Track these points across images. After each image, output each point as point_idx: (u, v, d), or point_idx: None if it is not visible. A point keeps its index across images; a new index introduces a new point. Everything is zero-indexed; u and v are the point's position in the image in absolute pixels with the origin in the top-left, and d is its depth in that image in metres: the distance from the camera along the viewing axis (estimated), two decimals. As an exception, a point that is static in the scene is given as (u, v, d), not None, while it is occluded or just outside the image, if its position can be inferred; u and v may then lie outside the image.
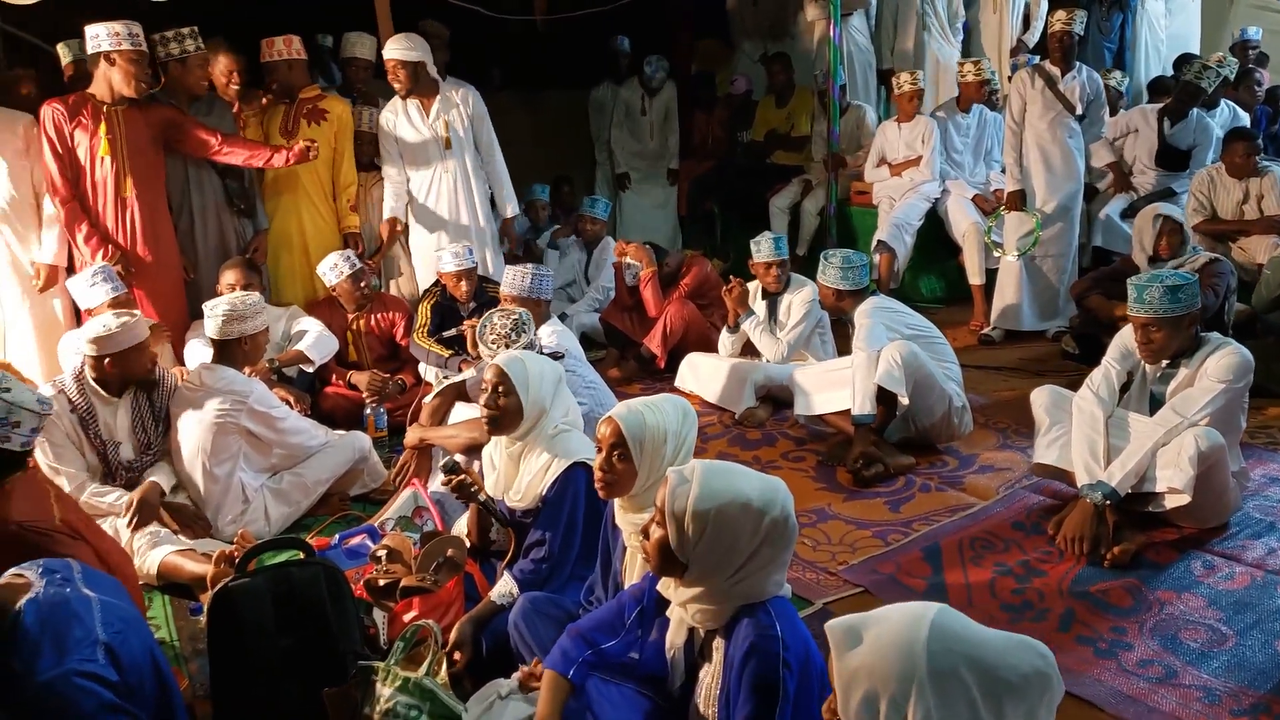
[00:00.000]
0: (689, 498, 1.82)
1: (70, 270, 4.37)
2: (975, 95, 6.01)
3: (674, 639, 2.01)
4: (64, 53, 4.98)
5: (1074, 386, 3.48)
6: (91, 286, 3.94)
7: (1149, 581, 2.99)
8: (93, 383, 3.38)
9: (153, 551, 3.15)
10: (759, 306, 4.67)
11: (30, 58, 5.63)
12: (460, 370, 4.25)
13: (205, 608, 2.41)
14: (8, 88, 4.67)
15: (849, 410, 3.87)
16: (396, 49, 4.83)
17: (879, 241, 5.74)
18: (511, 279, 4.20)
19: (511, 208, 5.22)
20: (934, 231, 5.99)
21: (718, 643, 1.91)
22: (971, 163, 6.14)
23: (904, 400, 3.77)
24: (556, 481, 2.69)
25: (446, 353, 4.48)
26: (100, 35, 4.13)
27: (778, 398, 4.57)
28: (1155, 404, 3.24)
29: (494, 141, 5.13)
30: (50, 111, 4.18)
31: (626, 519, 2.31)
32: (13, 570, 1.94)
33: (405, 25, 5.75)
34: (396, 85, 4.89)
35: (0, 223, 4.29)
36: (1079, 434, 3.25)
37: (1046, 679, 1.32)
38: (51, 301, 4.43)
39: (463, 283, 4.67)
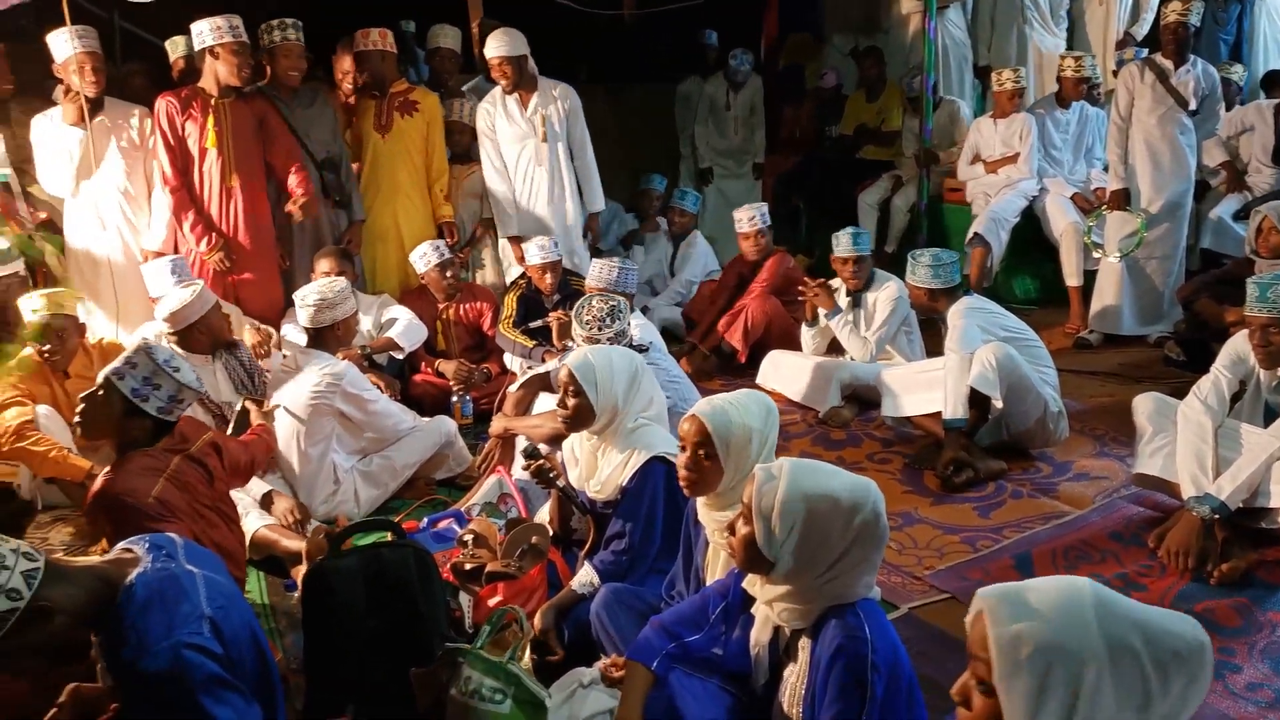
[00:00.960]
0: (777, 495, 1.80)
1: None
2: (1075, 91, 5.80)
3: (759, 637, 1.99)
4: (173, 49, 5.17)
5: (1178, 394, 3.33)
6: (164, 276, 4.09)
7: (1260, 602, 2.84)
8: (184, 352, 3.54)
9: (244, 520, 3.26)
10: (845, 303, 4.60)
11: (143, 53, 5.87)
12: (544, 361, 4.28)
13: (299, 584, 2.48)
14: (122, 82, 4.87)
15: (938, 413, 3.78)
16: (499, 46, 4.87)
17: (974, 234, 5.59)
18: (598, 272, 4.22)
19: (598, 202, 5.24)
20: (1030, 231, 5.81)
21: (804, 642, 1.88)
22: (1071, 160, 5.93)
23: (997, 404, 3.67)
24: (636, 474, 2.70)
25: (530, 343, 4.52)
26: (204, 30, 4.28)
27: (863, 397, 4.49)
28: (1270, 415, 3.09)
29: (586, 137, 5.16)
30: (164, 104, 4.36)
31: (710, 515, 2.30)
32: (121, 545, 2.01)
33: (498, 17, 5.85)
34: (502, 82, 4.94)
35: (115, 211, 4.48)
36: (1185, 444, 3.11)
37: (1206, 651, 1.28)
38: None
39: (548, 275, 4.72)
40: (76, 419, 2.67)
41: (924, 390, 3.92)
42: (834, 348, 4.70)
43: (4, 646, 1.71)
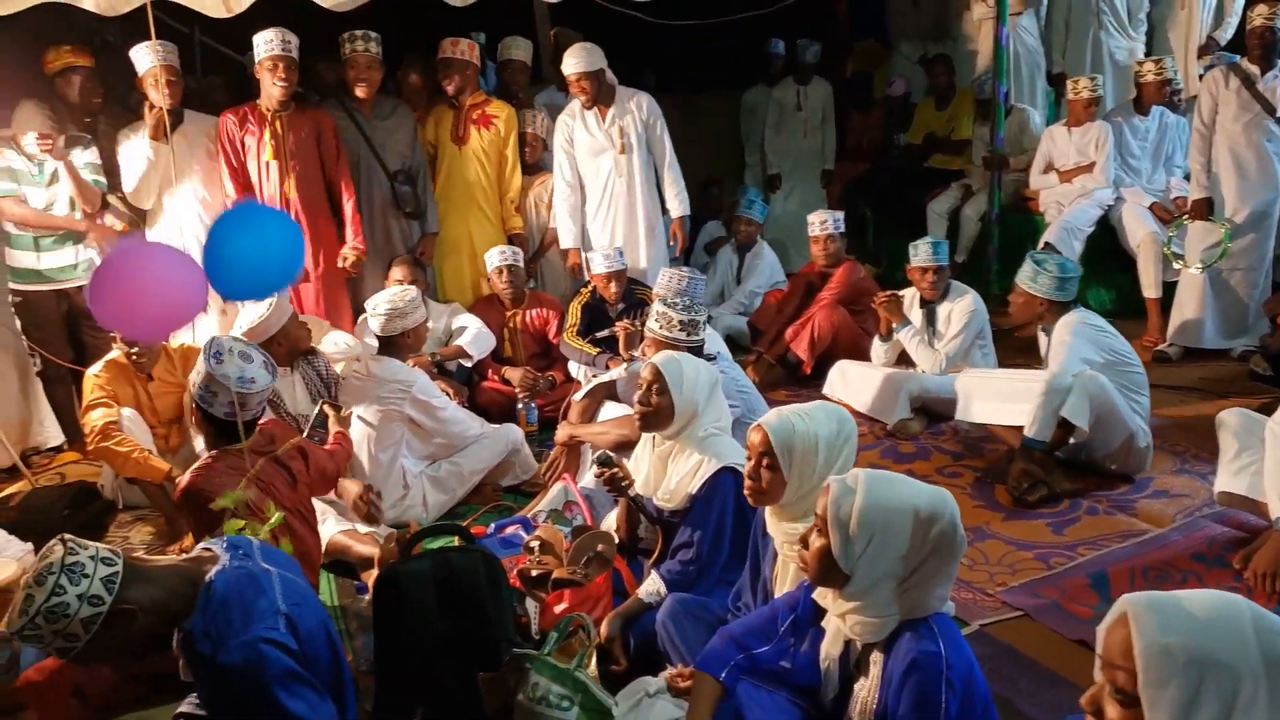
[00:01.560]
0: (854, 506, 1.78)
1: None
2: (1155, 96, 5.64)
3: (829, 650, 1.97)
4: (250, 62, 5.32)
5: (1265, 410, 3.20)
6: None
7: (1353, 626, 2.72)
8: None
9: (321, 525, 3.33)
10: (915, 315, 4.53)
11: (223, 67, 6.06)
12: (608, 368, 4.30)
13: (370, 587, 2.52)
14: (203, 95, 5.03)
15: (1014, 424, 3.68)
16: (577, 62, 4.87)
17: (1045, 244, 5.47)
18: (666, 281, 4.22)
19: (682, 207, 5.20)
20: (1105, 241, 5.66)
21: (876, 656, 1.86)
22: (1150, 169, 5.77)
23: (1084, 431, 3.55)
24: (705, 484, 2.70)
25: (594, 350, 4.54)
26: (258, 44, 4.41)
27: (933, 410, 4.42)
28: (1364, 433, 2.95)
29: (669, 144, 5.14)
30: (225, 120, 4.51)
31: (779, 527, 2.28)
32: (201, 545, 2.08)
33: (564, 27, 5.89)
34: (581, 97, 4.95)
35: (194, 221, 4.61)
36: (1274, 462, 2.99)
37: None
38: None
39: (612, 284, 4.74)
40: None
41: (1005, 400, 3.80)
42: (903, 359, 4.64)
43: (91, 646, 1.78)
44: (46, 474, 4.31)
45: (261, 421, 2.88)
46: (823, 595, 1.93)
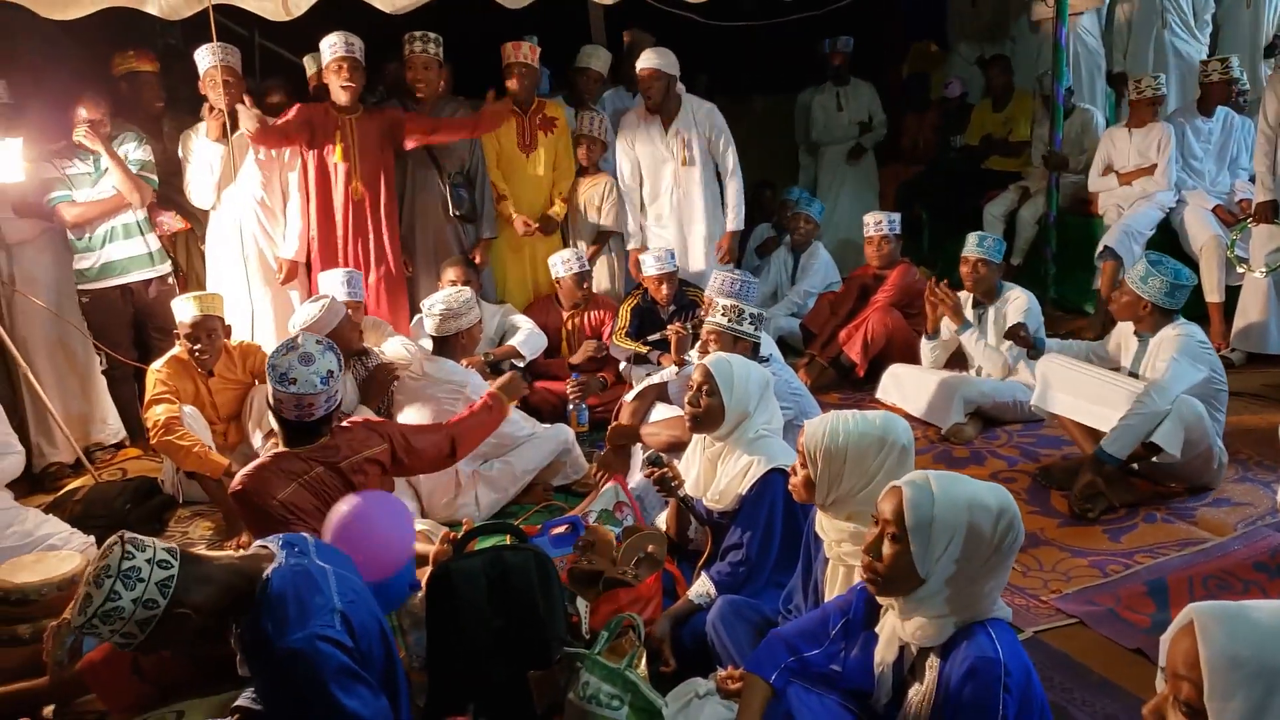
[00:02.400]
0: (935, 507, 1.76)
1: (309, 267, 4.76)
2: (1221, 97, 5.50)
3: (884, 655, 1.95)
4: (310, 64, 5.42)
5: (1335, 419, 3.13)
6: (340, 283, 4.24)
7: None
8: None
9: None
10: (970, 316, 4.48)
11: (282, 70, 6.18)
12: (659, 364, 4.32)
13: (424, 584, 2.55)
14: (262, 97, 5.14)
15: (1093, 426, 3.59)
16: (654, 60, 4.90)
17: (1104, 248, 5.36)
18: (718, 284, 4.22)
19: (737, 223, 5.21)
20: (1166, 244, 5.50)
21: (932, 661, 1.84)
22: (1214, 171, 5.62)
23: (1171, 456, 3.42)
24: (755, 485, 2.70)
25: (644, 348, 4.56)
26: (324, 49, 4.49)
27: (987, 415, 4.36)
28: None
29: (733, 157, 5.15)
30: (302, 110, 4.57)
31: (832, 524, 2.27)
32: (259, 542, 2.13)
33: (612, 30, 5.91)
34: (647, 97, 4.97)
35: (252, 220, 4.72)
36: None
37: None
38: (289, 293, 4.84)
39: (664, 286, 4.75)
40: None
41: (1091, 401, 3.64)
42: (954, 362, 4.58)
43: (148, 643, 1.85)
44: (109, 469, 4.44)
45: (345, 424, 2.93)
46: (889, 599, 1.92)
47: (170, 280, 4.70)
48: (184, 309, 3.86)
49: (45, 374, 4.27)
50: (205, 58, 4.45)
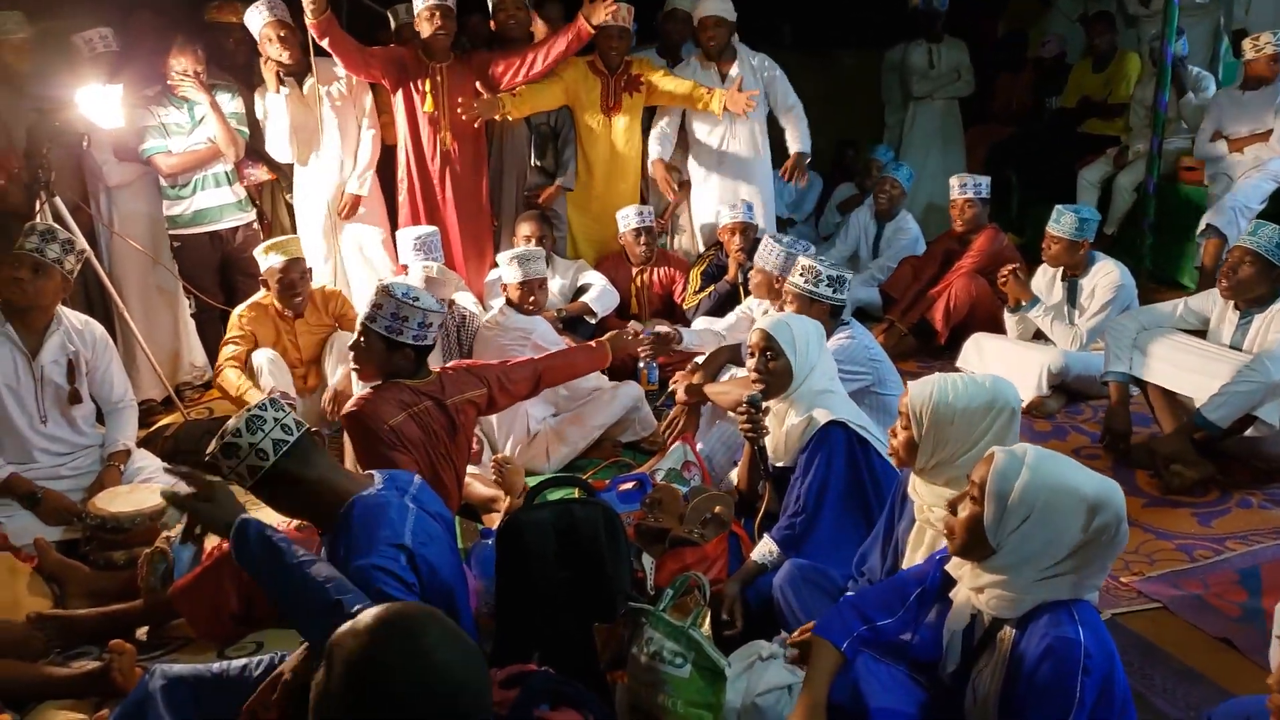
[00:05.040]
0: (1020, 480, 1.71)
1: (393, 211, 4.80)
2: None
3: (954, 623, 1.90)
4: (395, 17, 5.42)
5: None
6: (414, 250, 4.24)
7: None
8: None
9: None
10: (1057, 288, 4.31)
11: (369, 22, 6.20)
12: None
13: (495, 532, 2.58)
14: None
15: (1172, 394, 3.46)
16: (717, 6, 4.81)
17: (1207, 225, 5.09)
18: (765, 254, 4.09)
19: (803, 143, 5.07)
20: (1276, 218, 5.23)
21: (1006, 633, 1.79)
22: (1336, 138, 5.27)
23: (1267, 427, 3.29)
24: (814, 438, 2.66)
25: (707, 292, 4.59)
26: None
27: (1072, 389, 4.21)
28: None
29: (792, 96, 5.04)
30: (396, 53, 4.61)
31: (928, 489, 2.21)
32: (370, 471, 2.21)
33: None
34: (709, 44, 4.87)
35: (336, 172, 4.74)
36: None
37: None
38: (372, 240, 4.87)
39: (737, 236, 4.69)
40: (352, 365, 2.96)
41: (1184, 370, 3.51)
42: (1043, 333, 4.43)
43: (256, 489, 2.03)
44: (196, 408, 4.59)
45: (444, 368, 3.04)
46: (958, 566, 1.87)
47: (255, 227, 4.80)
48: (273, 255, 3.93)
49: (138, 315, 4.42)
50: (256, 17, 4.43)
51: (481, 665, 1.30)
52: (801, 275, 3.32)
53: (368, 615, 1.28)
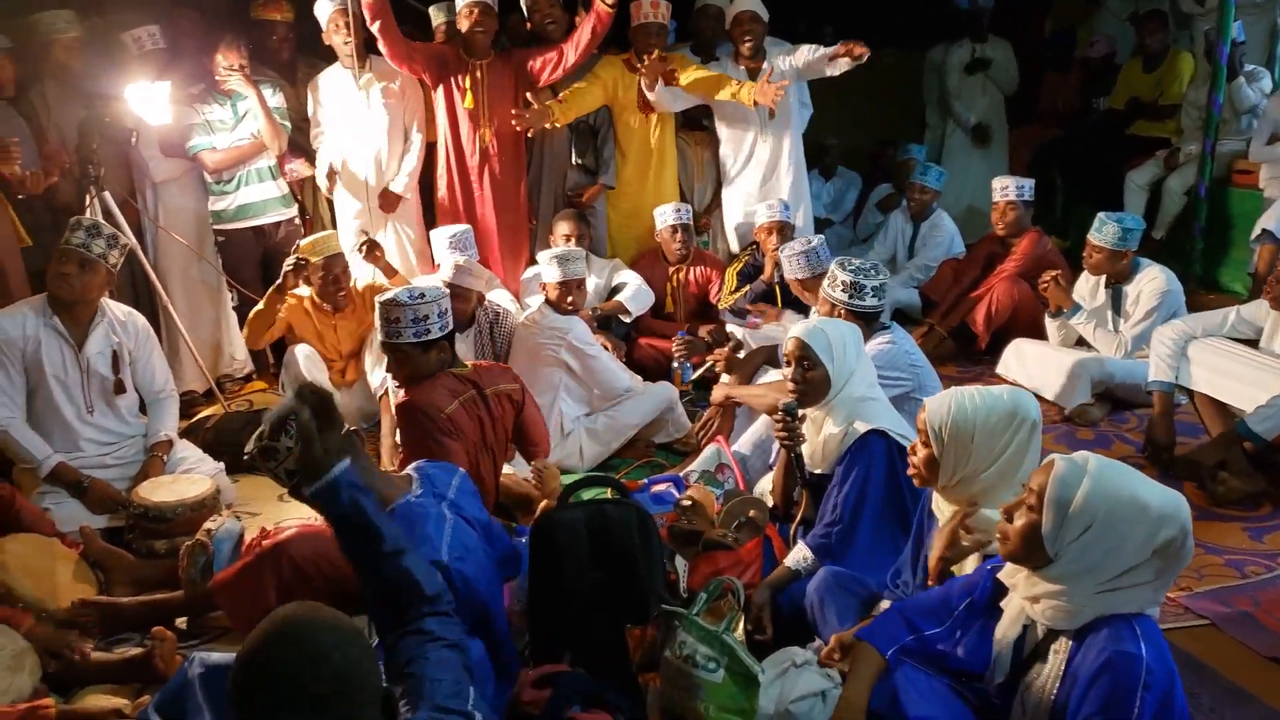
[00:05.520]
0: (1082, 488, 1.67)
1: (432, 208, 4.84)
2: None
3: (1005, 633, 1.86)
4: (435, 15, 5.43)
5: None
6: (448, 248, 4.25)
7: None
8: None
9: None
10: (1102, 294, 4.23)
11: (410, 18, 6.23)
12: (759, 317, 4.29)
13: (529, 531, 2.58)
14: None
15: (1222, 405, 3.37)
16: (753, 2, 4.78)
17: (1262, 230, 4.94)
18: (789, 263, 4.06)
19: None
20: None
21: (1060, 644, 1.75)
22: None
23: None
24: (853, 446, 2.62)
25: (744, 291, 4.56)
26: None
27: (1116, 396, 4.13)
28: None
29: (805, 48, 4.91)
30: (438, 50, 4.62)
31: (950, 509, 2.18)
32: (411, 467, 2.21)
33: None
34: (745, 42, 4.83)
35: (374, 162, 4.74)
36: None
37: None
38: (406, 235, 4.89)
39: (774, 236, 4.65)
40: (394, 383, 3.05)
41: (1235, 380, 3.43)
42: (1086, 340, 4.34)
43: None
44: (237, 400, 4.65)
45: (477, 362, 3.14)
46: (1011, 575, 1.83)
47: (297, 222, 4.85)
48: (310, 251, 3.96)
49: (181, 308, 4.48)
50: (326, 3, 4.48)
51: (365, 656, 1.39)
52: (843, 290, 3.23)
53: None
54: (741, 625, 2.34)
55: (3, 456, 3.35)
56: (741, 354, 4.04)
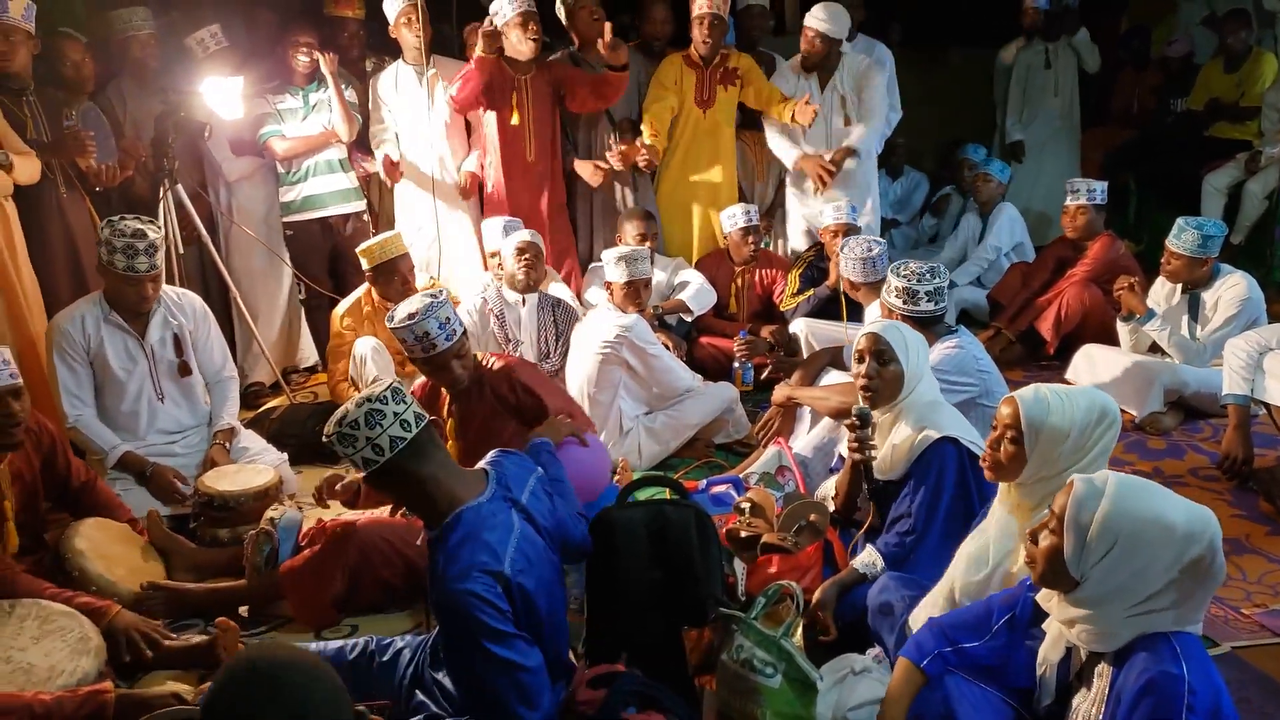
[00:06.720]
0: (1100, 510, 1.63)
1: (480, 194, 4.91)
2: None
3: (1048, 655, 1.83)
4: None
5: None
6: (503, 235, 4.29)
7: None
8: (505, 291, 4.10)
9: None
10: (1178, 300, 4.09)
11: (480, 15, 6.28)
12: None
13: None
14: (462, 44, 5.24)
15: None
16: (823, 21, 4.71)
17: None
18: (847, 261, 4.00)
19: (858, 140, 4.88)
20: None
21: (1103, 668, 1.71)
22: None
23: None
24: (926, 453, 2.57)
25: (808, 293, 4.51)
26: (505, 3, 4.47)
27: (1190, 405, 4.00)
28: None
29: (882, 90, 4.89)
30: (488, 65, 4.58)
31: (1021, 509, 2.13)
32: (488, 458, 2.20)
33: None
34: (810, 55, 4.80)
35: (437, 160, 4.82)
36: None
37: None
38: (468, 232, 4.95)
39: (839, 239, 4.59)
40: (455, 406, 3.11)
41: None
42: (1158, 346, 4.21)
43: (369, 479, 2.01)
44: (302, 392, 4.73)
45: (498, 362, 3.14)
46: (1046, 598, 1.79)
47: (365, 218, 4.92)
48: (378, 252, 4.00)
49: (251, 301, 4.58)
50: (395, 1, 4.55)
51: (330, 696, 1.41)
52: (898, 296, 3.17)
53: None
54: (800, 631, 2.32)
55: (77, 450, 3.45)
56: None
